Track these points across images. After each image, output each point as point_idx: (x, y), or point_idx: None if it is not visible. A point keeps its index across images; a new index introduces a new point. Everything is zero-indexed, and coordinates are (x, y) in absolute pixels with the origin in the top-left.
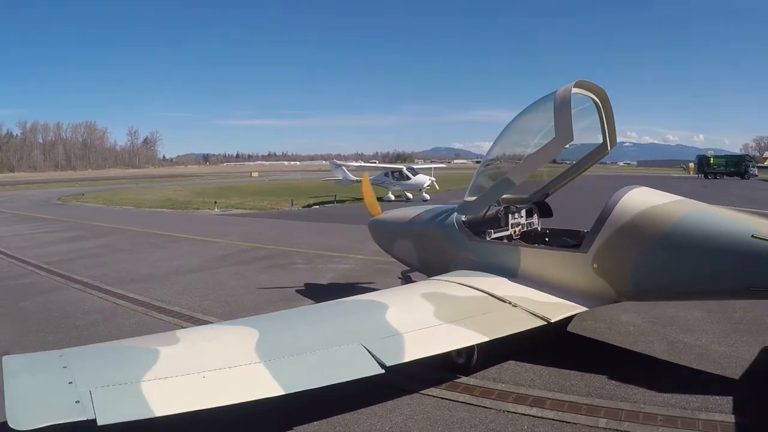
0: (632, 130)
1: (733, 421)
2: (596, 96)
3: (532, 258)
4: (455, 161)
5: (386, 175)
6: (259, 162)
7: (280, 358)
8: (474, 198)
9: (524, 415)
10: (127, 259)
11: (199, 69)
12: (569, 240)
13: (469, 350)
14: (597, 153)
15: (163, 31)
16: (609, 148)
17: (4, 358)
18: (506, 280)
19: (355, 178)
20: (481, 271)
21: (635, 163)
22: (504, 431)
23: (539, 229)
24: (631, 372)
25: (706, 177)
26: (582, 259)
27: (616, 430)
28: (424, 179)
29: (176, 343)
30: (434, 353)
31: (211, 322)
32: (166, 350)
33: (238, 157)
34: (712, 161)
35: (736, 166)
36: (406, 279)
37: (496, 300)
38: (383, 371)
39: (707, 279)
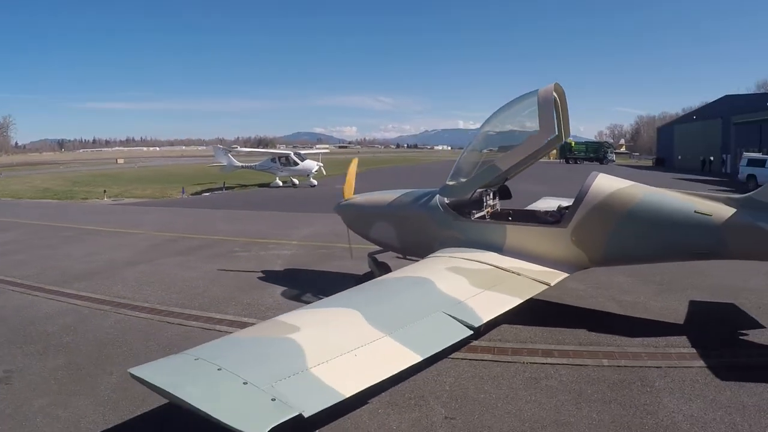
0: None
1: (695, 351)
2: (557, 94)
3: (516, 234)
4: (317, 147)
5: (273, 160)
6: (117, 148)
7: (397, 330)
8: (460, 182)
9: (543, 363)
10: (51, 255)
11: (51, 48)
12: (544, 217)
13: None
14: (553, 143)
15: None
16: (563, 138)
17: (135, 370)
18: (497, 254)
19: (240, 164)
20: (467, 248)
21: (496, 148)
22: (538, 376)
23: (499, 209)
24: (602, 325)
25: (567, 162)
26: (562, 234)
27: (616, 365)
28: (312, 165)
29: (301, 329)
30: (498, 314)
31: (196, 316)
32: (300, 337)
33: (95, 143)
34: (573, 147)
35: (595, 152)
36: (374, 260)
37: (503, 271)
38: (472, 332)
39: (662, 246)
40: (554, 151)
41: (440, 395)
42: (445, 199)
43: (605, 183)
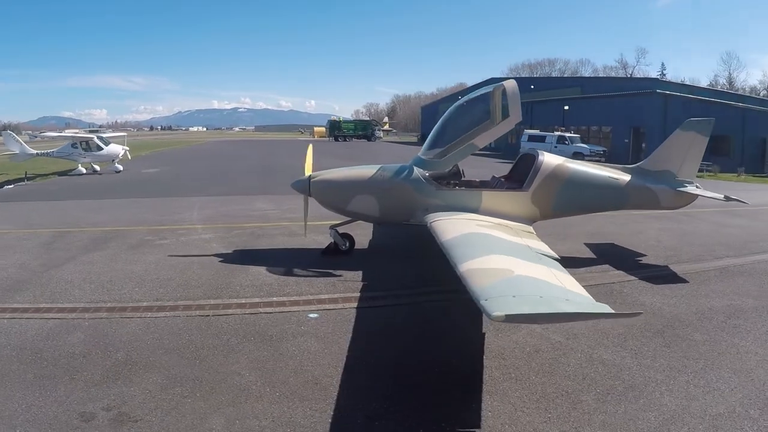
0: (246, 96)
1: (623, 272)
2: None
3: (490, 198)
4: (67, 131)
5: (74, 146)
6: None
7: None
8: (443, 158)
9: None
10: None
11: None
12: (506, 184)
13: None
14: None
15: None
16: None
17: (499, 315)
18: (479, 215)
19: (34, 152)
20: (453, 212)
21: (252, 128)
22: None
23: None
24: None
25: (336, 140)
26: (525, 196)
27: (603, 282)
28: (117, 149)
29: (515, 270)
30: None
31: (214, 305)
32: (525, 273)
33: None
34: (342, 126)
35: (363, 130)
36: (337, 232)
37: (507, 226)
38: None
39: (589, 203)
40: (320, 129)
41: None
42: (426, 172)
43: (550, 159)
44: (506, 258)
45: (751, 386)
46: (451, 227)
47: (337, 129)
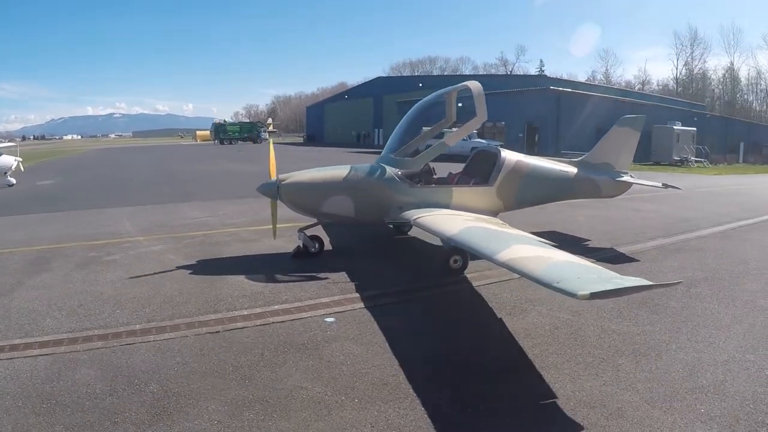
0: (122, 101)
1: (585, 255)
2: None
3: (460, 194)
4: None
5: None
6: None
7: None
8: (415, 157)
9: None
10: None
11: None
12: (471, 179)
13: (465, 256)
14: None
15: None
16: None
17: (584, 293)
18: (452, 210)
19: None
20: (427, 208)
21: (130, 134)
22: (523, 289)
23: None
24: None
25: (222, 143)
26: (490, 191)
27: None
28: (10, 160)
29: (554, 256)
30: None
31: (218, 320)
32: (564, 258)
33: None
34: (228, 128)
35: (249, 132)
36: (305, 234)
37: (487, 220)
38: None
39: (545, 194)
40: (202, 133)
41: None
42: (398, 170)
43: (510, 156)
44: (530, 247)
45: (736, 338)
46: (449, 222)
47: (222, 132)
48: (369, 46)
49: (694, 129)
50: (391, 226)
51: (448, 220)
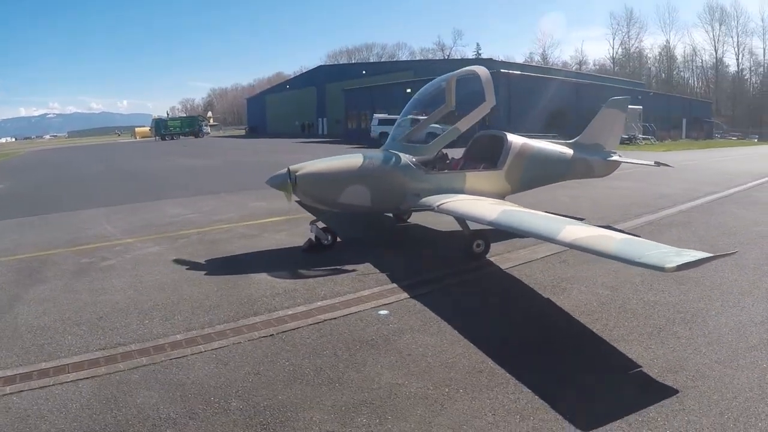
0: (55, 101)
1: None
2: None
3: (473, 179)
4: None
5: None
6: None
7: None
8: (430, 143)
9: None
10: None
11: None
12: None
13: (487, 240)
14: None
15: None
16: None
17: (672, 266)
18: (468, 195)
19: None
20: (437, 194)
21: (65, 134)
22: (552, 269)
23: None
24: None
25: (163, 139)
26: (500, 174)
27: None
28: None
29: (615, 236)
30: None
31: (267, 322)
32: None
33: None
34: (169, 124)
35: (191, 126)
36: (317, 227)
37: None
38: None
39: (548, 175)
40: (142, 129)
41: None
42: (413, 157)
43: (515, 139)
44: (581, 227)
45: (761, 301)
46: (480, 207)
47: (163, 127)
48: (304, 35)
49: (640, 107)
50: (391, 214)
51: (478, 205)
